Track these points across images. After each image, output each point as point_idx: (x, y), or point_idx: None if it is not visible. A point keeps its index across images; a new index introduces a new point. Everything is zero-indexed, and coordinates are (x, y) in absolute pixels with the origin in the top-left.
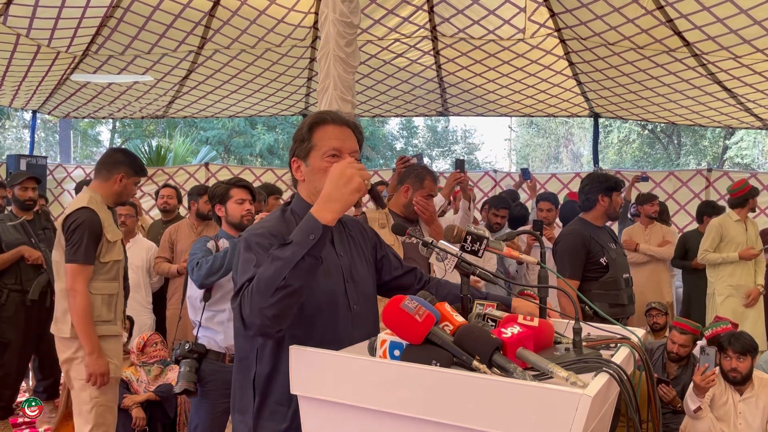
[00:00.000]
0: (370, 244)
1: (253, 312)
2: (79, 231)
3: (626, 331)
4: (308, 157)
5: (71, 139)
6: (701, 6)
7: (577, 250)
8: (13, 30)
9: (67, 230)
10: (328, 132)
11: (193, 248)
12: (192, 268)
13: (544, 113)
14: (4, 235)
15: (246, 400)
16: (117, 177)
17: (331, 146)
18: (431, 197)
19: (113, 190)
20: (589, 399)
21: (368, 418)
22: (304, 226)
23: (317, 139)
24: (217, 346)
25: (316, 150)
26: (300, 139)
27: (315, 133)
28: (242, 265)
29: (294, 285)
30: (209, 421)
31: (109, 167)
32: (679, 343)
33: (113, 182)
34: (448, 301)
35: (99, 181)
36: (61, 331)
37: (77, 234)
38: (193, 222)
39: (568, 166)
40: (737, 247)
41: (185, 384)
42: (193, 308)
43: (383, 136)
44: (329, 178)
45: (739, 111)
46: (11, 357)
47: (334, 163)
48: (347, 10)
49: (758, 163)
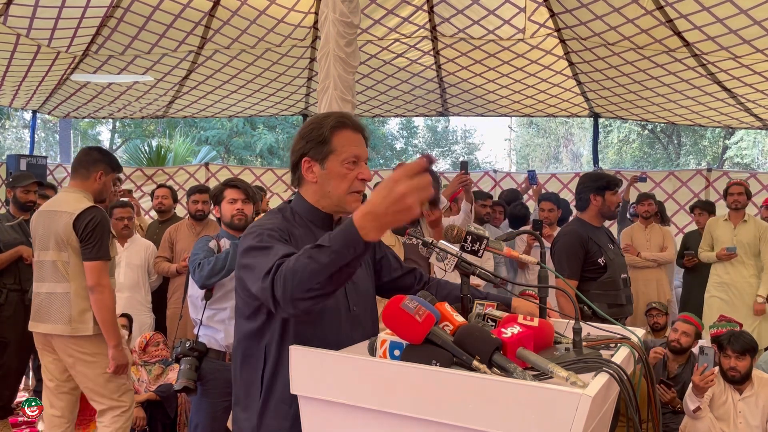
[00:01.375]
0: None
1: (286, 299)
2: (98, 229)
3: (626, 331)
4: (326, 160)
5: (71, 139)
6: (701, 6)
7: (575, 250)
8: (13, 30)
9: (83, 230)
10: (348, 138)
11: (195, 248)
12: (194, 268)
13: (544, 113)
14: (2, 235)
15: (251, 397)
16: (96, 175)
17: (352, 153)
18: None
19: (94, 188)
20: (589, 399)
21: (368, 418)
22: (346, 236)
23: (337, 143)
24: (217, 344)
25: (336, 155)
26: (318, 140)
27: (335, 136)
28: (259, 253)
29: (326, 290)
30: (210, 420)
31: (88, 165)
32: (681, 330)
33: (93, 180)
34: (448, 301)
35: (79, 180)
36: (80, 330)
37: (97, 232)
38: (191, 222)
39: (568, 166)
40: (720, 246)
41: (185, 381)
42: (194, 307)
43: (383, 136)
44: (378, 191)
45: (739, 111)
46: (10, 357)
47: (354, 170)
48: (347, 10)
49: (758, 163)
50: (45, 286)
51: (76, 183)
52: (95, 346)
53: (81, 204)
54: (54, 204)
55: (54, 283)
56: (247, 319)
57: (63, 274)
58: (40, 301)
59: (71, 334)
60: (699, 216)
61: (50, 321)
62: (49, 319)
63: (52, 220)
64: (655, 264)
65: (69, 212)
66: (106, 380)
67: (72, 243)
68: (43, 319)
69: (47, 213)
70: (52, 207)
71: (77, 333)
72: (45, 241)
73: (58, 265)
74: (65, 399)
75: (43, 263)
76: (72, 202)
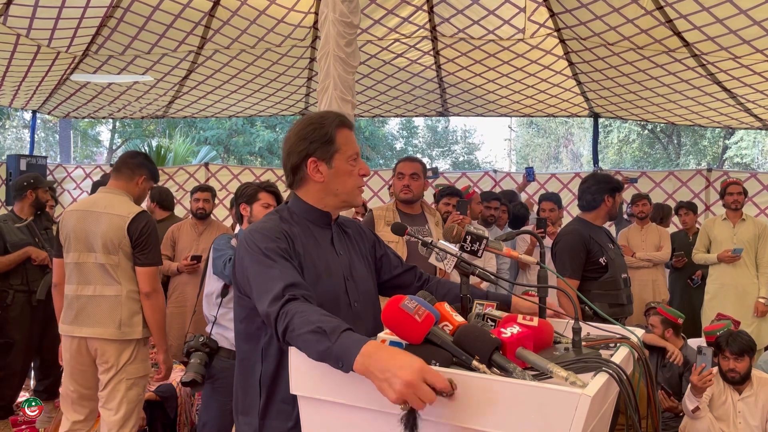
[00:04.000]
0: (368, 243)
1: (282, 337)
2: (153, 235)
3: (626, 331)
4: (332, 159)
5: (71, 139)
6: (701, 6)
7: (577, 250)
8: (13, 30)
9: (139, 235)
10: (348, 136)
11: (218, 245)
12: (224, 263)
13: (544, 113)
14: (9, 236)
15: (250, 400)
16: (139, 179)
17: (354, 150)
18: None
19: (135, 192)
20: (588, 399)
21: (368, 418)
22: (345, 352)
23: (341, 142)
24: (228, 343)
25: (341, 153)
26: (323, 140)
27: (338, 135)
28: (263, 269)
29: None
30: (218, 418)
31: (133, 168)
32: (650, 323)
33: (135, 184)
34: (448, 301)
35: (122, 181)
36: (129, 334)
37: (152, 238)
38: (194, 221)
39: (568, 166)
40: (720, 246)
41: (193, 374)
42: (209, 304)
43: (383, 136)
44: (400, 361)
45: (739, 111)
46: (15, 357)
47: (356, 166)
48: (347, 10)
49: (758, 163)
50: (89, 288)
51: (119, 184)
52: (137, 351)
53: (131, 207)
54: (95, 204)
55: (102, 285)
56: (242, 321)
57: (113, 276)
58: (81, 303)
59: (120, 338)
60: (685, 216)
61: (96, 324)
62: (94, 323)
63: (96, 220)
64: (650, 264)
65: (120, 215)
66: (127, 387)
67: (124, 247)
68: (87, 322)
69: (86, 213)
70: (92, 207)
71: (126, 337)
72: (88, 243)
73: (107, 267)
74: (89, 406)
75: (84, 265)
76: (119, 204)
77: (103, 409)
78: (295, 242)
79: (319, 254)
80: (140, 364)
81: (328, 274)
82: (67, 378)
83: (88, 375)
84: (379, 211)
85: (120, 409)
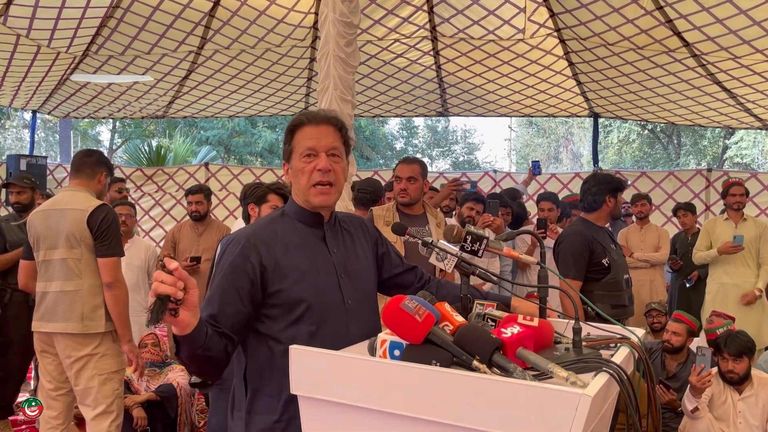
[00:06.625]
0: (371, 240)
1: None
2: (113, 226)
3: (626, 331)
4: (291, 159)
5: (71, 139)
6: (701, 7)
7: (580, 251)
8: (13, 30)
9: (99, 226)
10: (304, 133)
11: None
12: None
13: (544, 113)
14: (9, 235)
15: (239, 395)
16: (100, 176)
17: (305, 146)
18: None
19: (98, 188)
20: (589, 399)
21: (368, 418)
22: None
23: (296, 141)
24: None
25: (295, 151)
26: (286, 142)
27: (295, 135)
28: (216, 282)
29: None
30: (226, 420)
31: (93, 166)
32: (672, 330)
33: (97, 181)
34: (448, 301)
35: (84, 179)
36: (92, 327)
37: (112, 229)
38: (193, 223)
39: (568, 166)
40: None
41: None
42: None
43: (383, 136)
44: None
45: (739, 111)
46: (14, 357)
47: (311, 162)
48: (347, 10)
49: (758, 163)
50: (53, 285)
51: (80, 182)
52: (102, 344)
53: (92, 202)
54: (59, 203)
55: (64, 281)
56: None
57: (75, 271)
58: (47, 300)
59: (82, 332)
60: (684, 217)
61: (60, 319)
62: (58, 318)
63: (59, 218)
64: (648, 264)
65: (80, 209)
66: (101, 382)
67: (85, 240)
68: (51, 318)
69: (51, 212)
70: (56, 206)
71: (89, 330)
72: (52, 240)
73: (69, 262)
74: (63, 400)
75: (50, 262)
76: (81, 200)
77: (82, 406)
78: (276, 244)
79: (306, 253)
80: (112, 359)
81: (315, 271)
82: (41, 372)
83: (59, 369)
84: (379, 211)
85: (97, 405)
